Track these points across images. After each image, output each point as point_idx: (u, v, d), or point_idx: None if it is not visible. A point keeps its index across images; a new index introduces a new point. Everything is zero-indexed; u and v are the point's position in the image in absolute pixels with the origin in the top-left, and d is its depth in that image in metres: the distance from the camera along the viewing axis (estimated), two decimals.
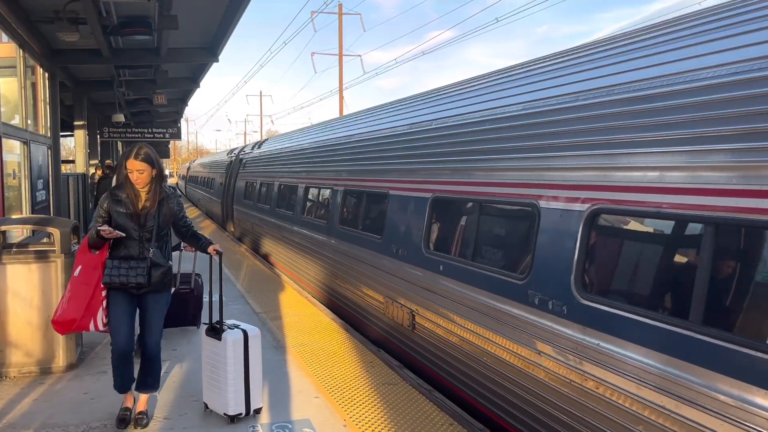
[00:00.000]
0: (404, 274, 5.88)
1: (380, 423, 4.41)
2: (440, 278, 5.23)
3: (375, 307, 6.66)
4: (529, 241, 4.13)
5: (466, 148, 5.08)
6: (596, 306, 3.42)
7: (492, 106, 4.94)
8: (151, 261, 4.17)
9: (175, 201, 4.41)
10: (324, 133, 10.00)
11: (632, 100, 3.44)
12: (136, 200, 4.21)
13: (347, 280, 7.52)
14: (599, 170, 3.55)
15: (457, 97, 5.79)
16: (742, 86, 2.85)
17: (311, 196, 9.68)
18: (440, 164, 5.49)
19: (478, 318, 4.61)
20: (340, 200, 8.04)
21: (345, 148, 8.40)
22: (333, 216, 8.14)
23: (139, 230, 4.19)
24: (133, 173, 4.18)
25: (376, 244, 6.57)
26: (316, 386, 5.13)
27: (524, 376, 4.04)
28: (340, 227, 7.83)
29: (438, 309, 5.26)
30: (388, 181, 6.48)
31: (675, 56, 3.36)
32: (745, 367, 2.60)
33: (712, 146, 2.91)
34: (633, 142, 3.36)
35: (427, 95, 6.67)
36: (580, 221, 3.61)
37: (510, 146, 4.49)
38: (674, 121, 3.15)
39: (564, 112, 3.98)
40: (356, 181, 7.51)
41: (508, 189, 4.40)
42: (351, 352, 6.07)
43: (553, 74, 4.42)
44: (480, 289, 4.61)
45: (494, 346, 4.38)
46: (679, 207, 3.01)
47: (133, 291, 4.21)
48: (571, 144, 3.83)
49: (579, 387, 3.51)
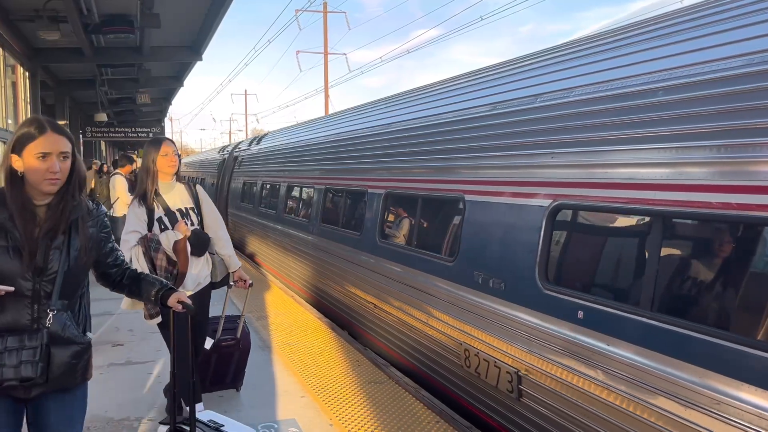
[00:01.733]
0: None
1: (367, 421, 4.42)
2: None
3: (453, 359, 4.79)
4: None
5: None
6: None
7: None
8: (50, 335, 2.32)
9: (98, 222, 2.57)
10: (357, 120, 7.89)
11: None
12: (27, 221, 2.34)
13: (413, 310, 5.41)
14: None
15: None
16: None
17: (332, 199, 8.09)
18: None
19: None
20: (380, 206, 6.27)
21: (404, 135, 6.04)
22: (368, 225, 6.50)
23: (33, 279, 2.34)
24: (40, 161, 2.31)
25: (446, 268, 4.87)
26: (303, 386, 5.13)
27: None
28: (380, 241, 6.22)
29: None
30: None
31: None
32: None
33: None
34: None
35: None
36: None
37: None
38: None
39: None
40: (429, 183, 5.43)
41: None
42: (337, 351, 6.09)
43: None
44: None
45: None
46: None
47: (18, 393, 2.36)
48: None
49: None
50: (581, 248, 3.82)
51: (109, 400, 4.74)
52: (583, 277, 3.66)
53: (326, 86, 30.26)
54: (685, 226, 3.10)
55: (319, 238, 8.19)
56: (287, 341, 6.43)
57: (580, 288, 3.53)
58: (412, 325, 5.41)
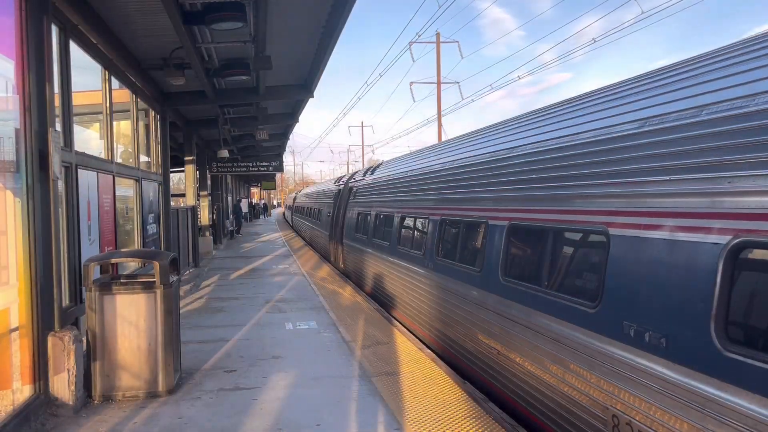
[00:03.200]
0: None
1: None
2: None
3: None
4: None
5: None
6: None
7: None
8: None
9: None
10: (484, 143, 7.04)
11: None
12: None
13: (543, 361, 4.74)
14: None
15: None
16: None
17: (452, 233, 7.39)
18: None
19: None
20: (503, 240, 5.58)
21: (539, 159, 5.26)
22: (490, 261, 5.90)
23: None
24: None
25: (585, 315, 4.12)
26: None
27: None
28: (504, 279, 5.54)
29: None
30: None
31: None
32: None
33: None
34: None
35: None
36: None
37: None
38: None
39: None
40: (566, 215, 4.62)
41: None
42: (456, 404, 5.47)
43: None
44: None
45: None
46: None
47: None
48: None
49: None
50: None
51: (214, 424, 5.06)
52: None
53: (439, 116, 30.01)
54: None
55: (434, 273, 7.67)
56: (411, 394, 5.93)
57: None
58: (542, 378, 4.68)
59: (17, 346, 5.22)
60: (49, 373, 5.38)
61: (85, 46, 7.63)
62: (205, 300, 11.44)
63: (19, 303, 5.22)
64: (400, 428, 4.88)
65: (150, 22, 8.30)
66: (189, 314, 9.90)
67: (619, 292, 3.71)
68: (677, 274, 3.21)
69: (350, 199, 15.03)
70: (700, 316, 3.00)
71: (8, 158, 5.14)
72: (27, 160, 5.28)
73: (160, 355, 5.76)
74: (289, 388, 5.96)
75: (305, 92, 13.58)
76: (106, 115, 8.67)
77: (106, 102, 8.66)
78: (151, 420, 5.19)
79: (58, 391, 5.40)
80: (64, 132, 6.47)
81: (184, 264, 15.67)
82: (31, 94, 5.31)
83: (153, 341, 5.76)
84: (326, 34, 9.64)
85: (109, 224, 8.29)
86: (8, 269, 5.13)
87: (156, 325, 5.77)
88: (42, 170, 5.43)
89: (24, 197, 5.26)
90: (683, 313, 3.13)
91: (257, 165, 24.98)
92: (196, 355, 7.12)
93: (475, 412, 5.21)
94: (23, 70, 5.27)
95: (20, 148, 5.26)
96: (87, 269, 5.78)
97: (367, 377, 6.27)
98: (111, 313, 5.72)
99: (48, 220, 5.48)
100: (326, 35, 9.71)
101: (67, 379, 5.41)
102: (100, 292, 5.71)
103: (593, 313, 3.95)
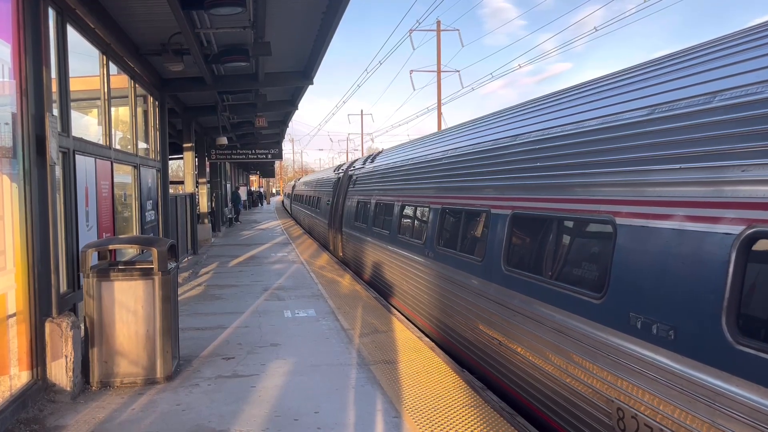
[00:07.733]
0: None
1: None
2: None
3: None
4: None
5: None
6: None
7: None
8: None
9: None
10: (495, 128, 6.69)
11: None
12: None
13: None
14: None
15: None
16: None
17: (453, 221, 7.29)
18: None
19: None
20: (505, 229, 5.53)
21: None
22: (492, 250, 5.79)
23: None
24: None
25: (590, 306, 4.07)
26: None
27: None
28: (506, 269, 5.47)
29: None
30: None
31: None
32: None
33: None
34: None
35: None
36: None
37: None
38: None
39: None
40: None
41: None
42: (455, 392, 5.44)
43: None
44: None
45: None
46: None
47: None
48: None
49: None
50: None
51: (213, 411, 5.07)
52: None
53: (439, 105, 29.86)
54: None
55: (434, 262, 7.62)
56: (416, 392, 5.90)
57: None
58: (545, 369, 4.64)
59: (15, 332, 5.18)
60: (46, 359, 5.35)
61: (82, 31, 7.51)
62: (204, 287, 11.40)
63: (17, 289, 5.17)
64: (399, 416, 4.85)
65: (148, 6, 8.18)
66: (187, 301, 9.87)
67: (625, 283, 3.65)
68: (687, 265, 3.15)
69: (350, 188, 14.97)
70: (711, 308, 2.95)
71: (5, 143, 5.06)
72: (24, 145, 5.20)
73: (158, 341, 5.73)
74: (288, 375, 5.93)
75: (305, 79, 13.47)
76: (104, 100, 8.56)
77: (104, 87, 8.55)
78: (149, 406, 5.17)
79: (56, 377, 5.37)
80: (61, 117, 6.37)
81: (183, 251, 15.61)
82: (28, 78, 5.23)
83: (151, 328, 5.73)
84: (326, 19, 9.51)
85: (107, 210, 8.21)
86: (5, 255, 5.07)
87: (154, 312, 5.74)
88: (39, 155, 5.35)
89: (21, 182, 5.19)
90: (693, 305, 3.08)
91: (256, 152, 24.88)
92: (194, 342, 7.08)
93: (474, 400, 5.18)
94: (20, 54, 5.18)
95: (17, 132, 5.18)
96: (85, 255, 5.73)
97: (365, 365, 6.24)
98: (109, 300, 5.68)
99: (45, 206, 5.41)
100: (326, 21, 9.58)
101: (65, 365, 5.38)
102: (98, 279, 5.66)
103: (599, 304, 3.90)
